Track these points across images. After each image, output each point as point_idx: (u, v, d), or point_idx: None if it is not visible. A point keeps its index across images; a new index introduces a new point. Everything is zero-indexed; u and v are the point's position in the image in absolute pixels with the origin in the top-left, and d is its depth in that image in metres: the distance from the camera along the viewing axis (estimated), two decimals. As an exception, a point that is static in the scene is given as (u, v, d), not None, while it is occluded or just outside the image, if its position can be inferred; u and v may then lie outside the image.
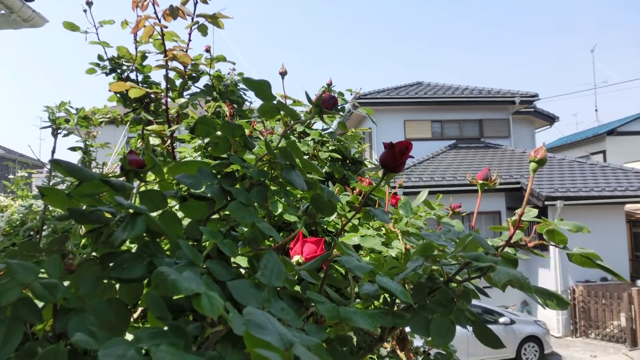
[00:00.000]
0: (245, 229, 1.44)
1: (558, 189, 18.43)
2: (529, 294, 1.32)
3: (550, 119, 27.50)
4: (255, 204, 1.32)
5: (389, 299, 1.46)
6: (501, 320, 15.85)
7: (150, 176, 1.42)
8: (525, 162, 21.60)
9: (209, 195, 1.31)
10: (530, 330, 16.12)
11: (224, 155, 1.46)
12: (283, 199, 2.00)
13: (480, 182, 1.77)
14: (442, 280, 1.41)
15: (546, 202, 17.87)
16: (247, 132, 1.46)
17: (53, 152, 3.72)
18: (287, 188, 1.58)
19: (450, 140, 24.79)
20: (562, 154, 26.08)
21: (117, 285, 1.17)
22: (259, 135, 3.11)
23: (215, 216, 1.40)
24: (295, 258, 1.56)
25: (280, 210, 2.02)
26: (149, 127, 2.09)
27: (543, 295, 1.35)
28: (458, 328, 1.31)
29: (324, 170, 3.11)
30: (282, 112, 1.44)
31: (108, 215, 1.20)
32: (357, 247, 2.03)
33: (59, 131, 4.08)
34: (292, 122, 1.59)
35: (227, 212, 1.32)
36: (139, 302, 1.22)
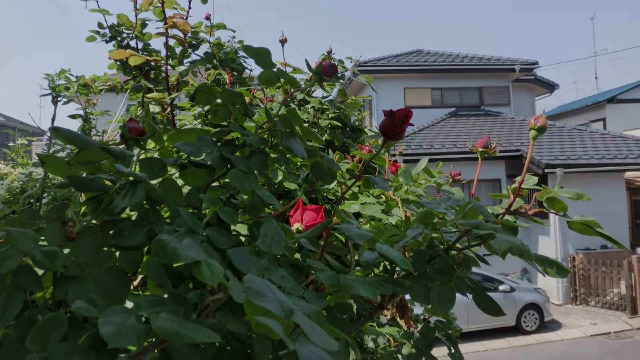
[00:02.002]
0: (245, 197, 1.44)
1: (558, 156, 18.37)
2: (529, 262, 1.32)
3: (550, 87, 27.47)
4: (255, 171, 1.32)
5: (389, 267, 1.46)
6: (501, 287, 15.90)
7: (150, 144, 1.41)
8: (526, 129, 21.55)
9: (209, 162, 1.30)
10: (530, 298, 16.17)
11: (224, 123, 1.45)
12: (283, 167, 2.00)
13: (480, 149, 1.77)
14: (442, 248, 1.41)
15: (546, 170, 17.84)
16: (247, 99, 1.45)
17: (53, 119, 3.71)
18: (287, 156, 1.57)
19: (450, 108, 24.72)
20: (562, 122, 25.97)
21: (117, 253, 1.18)
22: (259, 103, 3.10)
23: (216, 184, 1.40)
24: (295, 226, 1.56)
25: (280, 177, 2.02)
26: (149, 95, 2.09)
27: (543, 262, 1.35)
28: (458, 296, 1.31)
29: (324, 138, 3.10)
30: (282, 80, 1.43)
31: (108, 183, 1.20)
32: (357, 215, 2.03)
33: (59, 99, 4.08)
34: (292, 89, 1.58)
35: (227, 180, 1.32)
36: (139, 270, 1.23)
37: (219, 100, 1.41)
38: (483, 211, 1.35)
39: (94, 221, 1.18)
